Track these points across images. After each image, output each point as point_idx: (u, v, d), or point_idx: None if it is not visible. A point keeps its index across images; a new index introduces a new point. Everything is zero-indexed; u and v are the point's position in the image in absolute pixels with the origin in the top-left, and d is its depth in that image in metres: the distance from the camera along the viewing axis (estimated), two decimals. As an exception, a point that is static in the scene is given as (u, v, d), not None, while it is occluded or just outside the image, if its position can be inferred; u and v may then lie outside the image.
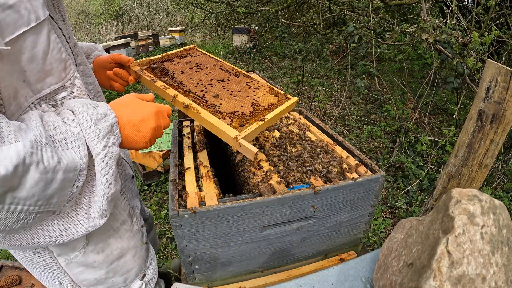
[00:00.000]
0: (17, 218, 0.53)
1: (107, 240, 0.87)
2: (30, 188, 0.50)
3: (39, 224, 0.61)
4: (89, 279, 0.89)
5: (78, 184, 0.60)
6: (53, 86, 0.67)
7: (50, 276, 0.84)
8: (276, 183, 1.03)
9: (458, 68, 2.43)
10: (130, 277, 1.00)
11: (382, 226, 2.31)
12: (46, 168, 0.52)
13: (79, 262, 0.84)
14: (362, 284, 0.91)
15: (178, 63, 1.22)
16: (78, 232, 0.66)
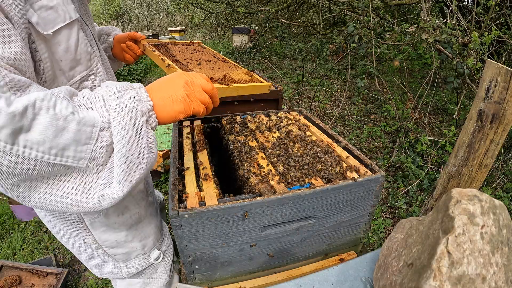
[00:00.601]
0: (34, 165, 0.53)
1: (126, 205, 0.99)
2: (40, 132, 0.52)
3: (62, 178, 0.59)
4: (110, 240, 0.98)
5: (101, 144, 0.59)
6: (82, 73, 0.82)
7: (76, 234, 0.94)
8: (276, 183, 1.03)
9: (458, 68, 2.43)
10: (148, 245, 1.10)
11: (382, 226, 2.31)
12: (56, 115, 0.54)
13: (102, 222, 0.94)
14: (362, 284, 0.91)
15: (179, 47, 1.40)
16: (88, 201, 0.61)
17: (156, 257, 1.13)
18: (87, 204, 0.61)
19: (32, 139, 0.52)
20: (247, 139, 1.33)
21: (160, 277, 1.18)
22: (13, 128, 0.50)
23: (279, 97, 2.02)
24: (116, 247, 1.01)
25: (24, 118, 0.51)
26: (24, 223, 2.49)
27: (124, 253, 1.05)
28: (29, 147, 0.52)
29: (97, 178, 0.61)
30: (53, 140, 0.54)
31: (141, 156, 0.64)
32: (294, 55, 6.56)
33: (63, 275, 1.80)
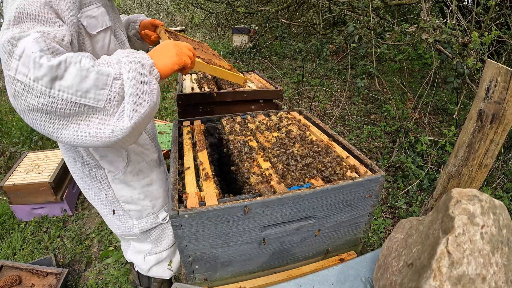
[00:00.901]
0: (65, 104, 0.73)
1: (141, 168, 1.21)
2: (70, 79, 0.72)
3: (87, 118, 0.77)
4: (126, 196, 1.20)
5: (114, 90, 0.77)
6: None
7: (100, 189, 1.18)
8: (276, 183, 1.03)
9: (458, 68, 2.43)
10: (157, 205, 1.29)
11: (382, 226, 2.31)
12: (81, 67, 0.74)
13: (121, 179, 1.17)
14: (362, 284, 0.91)
15: (186, 39, 1.59)
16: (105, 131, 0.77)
17: (164, 218, 1.32)
18: (104, 135, 0.77)
19: (64, 84, 0.72)
20: (247, 139, 1.33)
21: (166, 239, 1.36)
22: (51, 76, 0.70)
23: (279, 97, 2.02)
24: (131, 203, 1.22)
25: (59, 69, 0.71)
26: (24, 223, 2.49)
27: (137, 210, 1.25)
28: (62, 91, 0.72)
29: (112, 117, 0.78)
30: (78, 85, 0.73)
31: (146, 98, 0.81)
32: (294, 55, 6.56)
33: (63, 275, 1.80)
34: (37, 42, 0.71)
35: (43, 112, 0.72)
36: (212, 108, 1.92)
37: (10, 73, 0.69)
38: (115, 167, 1.15)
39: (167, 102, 4.75)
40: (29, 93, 0.70)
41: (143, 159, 1.22)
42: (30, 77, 0.69)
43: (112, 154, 1.13)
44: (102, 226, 2.45)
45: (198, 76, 2.37)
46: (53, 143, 3.76)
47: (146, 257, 1.38)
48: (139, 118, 0.79)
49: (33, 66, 0.69)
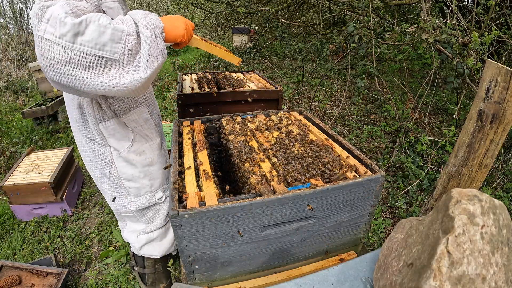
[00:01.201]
0: (85, 57, 0.86)
1: (144, 149, 1.31)
2: (90, 35, 0.85)
3: (103, 70, 0.89)
4: (127, 173, 1.30)
5: (128, 44, 0.90)
6: None
7: (105, 165, 1.28)
8: (276, 183, 1.03)
9: (458, 68, 2.43)
10: (155, 185, 1.39)
11: (382, 226, 2.31)
12: (100, 24, 0.86)
13: (124, 157, 1.27)
14: (362, 284, 0.91)
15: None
16: (124, 80, 0.91)
17: (160, 197, 1.41)
18: (124, 84, 0.91)
19: (85, 39, 0.85)
20: (247, 139, 1.33)
21: (158, 219, 1.44)
22: (74, 32, 0.83)
23: (279, 97, 2.02)
24: (131, 180, 1.32)
25: (80, 26, 0.84)
26: (24, 223, 2.49)
27: (136, 187, 1.34)
28: (83, 45, 0.85)
29: (128, 69, 0.91)
30: (97, 39, 0.86)
31: (158, 53, 0.95)
32: (294, 55, 6.56)
33: (63, 275, 1.80)
34: (62, 7, 0.85)
35: (67, 65, 0.85)
36: (212, 108, 1.92)
37: (39, 34, 0.83)
38: (121, 146, 1.26)
39: (167, 102, 4.75)
40: (54, 48, 0.83)
41: (147, 141, 1.33)
42: (56, 35, 0.83)
43: (119, 134, 1.24)
44: (102, 226, 2.45)
45: (198, 76, 2.37)
46: (53, 143, 3.77)
47: (138, 236, 1.46)
48: (152, 71, 0.94)
49: (59, 25, 0.83)
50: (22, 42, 7.59)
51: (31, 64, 4.35)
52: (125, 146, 1.27)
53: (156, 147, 1.38)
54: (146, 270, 1.61)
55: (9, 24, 8.32)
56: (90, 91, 0.92)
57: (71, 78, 0.87)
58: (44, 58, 0.84)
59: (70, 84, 0.89)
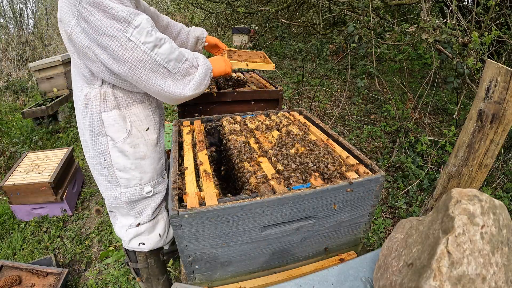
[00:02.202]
0: (155, 64, 1.14)
1: (138, 142, 1.38)
2: (164, 49, 1.14)
3: (163, 77, 1.18)
4: (120, 163, 1.36)
5: (184, 66, 1.21)
6: None
7: (100, 153, 1.35)
8: (276, 183, 1.03)
9: (458, 68, 2.42)
10: (144, 179, 1.43)
11: (382, 226, 2.31)
12: (172, 46, 1.17)
13: (119, 148, 1.34)
14: (362, 284, 0.91)
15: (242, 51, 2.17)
16: (175, 90, 1.21)
17: (148, 191, 1.45)
18: (176, 92, 1.21)
19: (160, 51, 1.13)
20: (247, 139, 1.33)
21: (146, 213, 1.49)
22: (155, 44, 1.12)
23: (279, 97, 2.02)
24: (122, 171, 1.37)
25: (160, 41, 1.13)
26: (24, 223, 2.49)
27: (126, 178, 1.39)
28: (157, 55, 1.13)
29: (179, 83, 1.21)
30: (168, 55, 1.15)
31: (203, 85, 1.29)
32: (294, 55, 6.56)
33: (63, 275, 1.80)
34: (148, 21, 1.12)
35: (141, 64, 1.11)
36: (212, 108, 1.92)
37: (127, 35, 1.07)
38: (117, 136, 1.33)
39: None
40: (136, 50, 1.09)
41: (142, 136, 1.39)
42: (141, 41, 1.09)
43: (118, 125, 1.32)
44: (102, 226, 2.45)
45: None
46: (53, 143, 3.77)
47: (127, 230, 1.51)
48: (194, 94, 1.26)
49: (145, 35, 1.09)
50: (22, 42, 7.58)
51: (31, 64, 4.35)
52: (121, 137, 1.33)
53: (151, 143, 1.44)
54: (139, 265, 1.64)
55: (9, 24, 8.32)
56: (149, 89, 1.19)
57: (139, 74, 1.14)
58: (125, 55, 1.09)
59: (137, 79, 1.15)
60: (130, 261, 1.69)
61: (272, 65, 1.90)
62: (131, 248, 1.58)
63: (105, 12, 1.06)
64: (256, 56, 2.07)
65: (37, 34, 8.37)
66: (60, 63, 4.23)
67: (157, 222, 1.56)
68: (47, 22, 8.89)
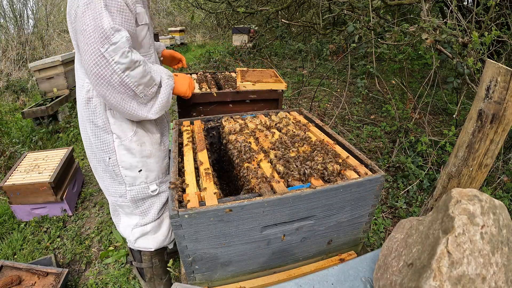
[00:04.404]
0: (125, 86, 1.11)
1: (144, 141, 1.38)
2: (136, 73, 1.12)
3: (129, 99, 1.16)
4: (126, 162, 1.35)
5: (152, 90, 1.21)
6: (143, 53, 1.33)
7: (105, 151, 1.33)
8: (276, 183, 1.03)
9: (458, 68, 2.42)
10: (150, 177, 1.42)
11: (382, 226, 2.31)
12: (145, 70, 1.15)
13: (125, 146, 1.33)
14: (362, 284, 0.91)
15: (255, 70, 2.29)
16: (139, 113, 1.22)
17: (153, 190, 1.44)
18: (139, 115, 1.22)
19: (131, 74, 1.11)
20: (247, 139, 1.33)
21: (152, 212, 1.49)
22: (127, 66, 1.08)
23: (279, 97, 2.02)
24: (128, 169, 1.36)
25: (134, 64, 1.10)
26: (24, 223, 2.49)
27: (132, 176, 1.38)
28: (128, 77, 1.10)
29: (144, 106, 1.22)
30: (139, 79, 1.13)
31: (166, 107, 1.31)
32: (294, 55, 6.56)
33: (63, 275, 1.80)
34: (128, 40, 1.08)
35: (108, 83, 1.08)
36: (212, 108, 1.92)
37: (102, 50, 1.02)
38: (124, 134, 1.32)
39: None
40: (106, 68, 1.05)
41: (147, 134, 1.40)
42: (114, 59, 1.04)
43: (124, 123, 1.31)
44: (102, 226, 2.45)
45: (198, 76, 2.37)
46: (53, 143, 3.76)
47: (133, 230, 1.50)
48: (157, 115, 1.28)
49: (120, 55, 1.05)
50: (22, 42, 7.58)
51: (31, 64, 4.35)
52: (128, 135, 1.32)
53: (155, 141, 1.43)
54: (143, 265, 1.63)
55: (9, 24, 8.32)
56: (114, 106, 1.17)
57: (105, 91, 1.10)
58: (95, 69, 1.05)
59: (103, 95, 1.12)
60: (134, 261, 1.68)
61: (284, 84, 1.97)
62: (136, 248, 1.57)
63: (93, 17, 1.03)
64: (267, 76, 2.13)
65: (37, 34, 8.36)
66: (60, 63, 4.23)
67: (162, 221, 1.55)
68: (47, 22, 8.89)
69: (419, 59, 4.60)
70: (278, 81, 2.02)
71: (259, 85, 1.93)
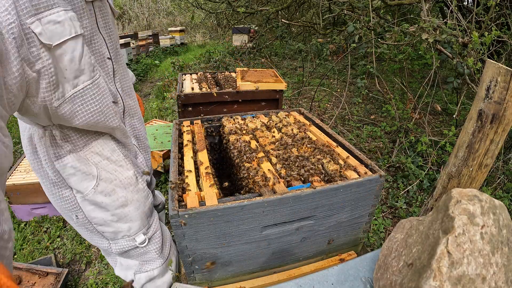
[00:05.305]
0: None
1: (114, 187, 1.08)
2: None
3: None
4: (98, 218, 1.09)
5: None
6: (85, 83, 0.92)
7: (69, 210, 1.08)
8: (276, 183, 1.03)
9: (458, 68, 2.43)
10: (134, 228, 1.15)
11: (382, 226, 2.31)
12: None
13: (90, 200, 1.05)
14: (362, 284, 0.91)
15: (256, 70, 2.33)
16: None
17: (141, 241, 1.19)
18: None
19: None
20: (247, 139, 1.33)
21: (151, 261, 1.25)
22: None
23: (279, 97, 2.02)
24: (103, 225, 1.11)
25: None
26: (24, 223, 2.49)
27: (111, 231, 1.13)
28: None
29: None
30: None
31: None
32: (294, 55, 6.55)
33: (63, 275, 1.80)
34: None
35: None
36: (212, 108, 1.92)
37: None
38: (84, 188, 1.03)
39: (167, 102, 4.75)
40: None
41: (116, 177, 1.08)
42: None
43: (80, 173, 1.02)
44: (102, 226, 2.45)
45: (198, 76, 2.37)
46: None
47: (136, 275, 1.26)
48: None
49: None
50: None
51: (31, 64, 4.34)
52: (89, 187, 1.04)
53: (128, 182, 1.12)
54: None
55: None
56: None
57: None
58: None
59: None
60: None
61: (284, 84, 1.99)
62: None
63: None
64: (268, 76, 2.15)
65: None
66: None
67: (165, 270, 1.30)
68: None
69: (419, 59, 4.59)
70: (278, 81, 2.03)
71: (259, 85, 1.93)
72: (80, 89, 0.91)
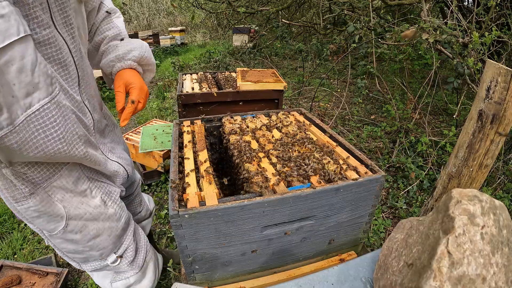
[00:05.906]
0: None
1: (85, 222, 0.99)
2: None
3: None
4: (69, 248, 1.03)
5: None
6: (42, 101, 0.68)
7: (43, 237, 1.01)
8: (276, 183, 1.03)
9: (459, 68, 2.42)
10: (106, 253, 1.11)
11: (382, 226, 2.31)
12: None
13: (60, 237, 0.98)
14: (362, 284, 0.91)
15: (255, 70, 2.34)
16: None
17: (113, 261, 1.13)
18: None
19: None
20: (247, 139, 1.33)
21: (124, 272, 1.22)
22: None
23: (279, 97, 2.02)
24: (74, 253, 1.06)
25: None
26: (24, 223, 2.49)
27: (82, 257, 1.09)
28: None
29: None
30: None
31: None
32: (294, 55, 6.55)
33: (63, 275, 1.80)
34: None
35: None
36: (212, 108, 1.92)
37: None
38: (51, 229, 0.94)
39: (167, 102, 4.75)
40: None
41: (86, 210, 0.97)
42: None
43: (46, 216, 0.90)
44: (102, 226, 2.45)
45: (198, 76, 2.37)
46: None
47: (113, 284, 1.22)
48: None
49: None
50: (22, 42, 7.57)
51: None
52: (58, 228, 0.94)
53: (98, 211, 1.01)
54: None
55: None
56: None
57: None
58: None
59: None
60: None
61: (284, 84, 2.02)
62: None
63: None
64: (268, 76, 2.19)
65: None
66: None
67: (146, 267, 1.30)
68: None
69: (419, 59, 4.59)
70: (278, 81, 2.04)
71: (260, 85, 1.94)
72: (34, 111, 0.67)
